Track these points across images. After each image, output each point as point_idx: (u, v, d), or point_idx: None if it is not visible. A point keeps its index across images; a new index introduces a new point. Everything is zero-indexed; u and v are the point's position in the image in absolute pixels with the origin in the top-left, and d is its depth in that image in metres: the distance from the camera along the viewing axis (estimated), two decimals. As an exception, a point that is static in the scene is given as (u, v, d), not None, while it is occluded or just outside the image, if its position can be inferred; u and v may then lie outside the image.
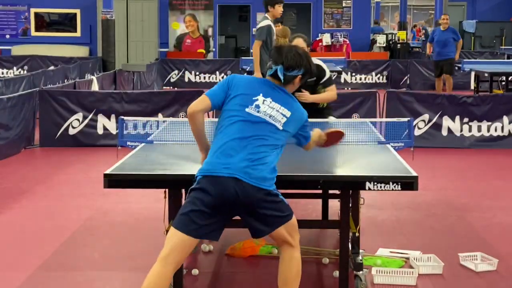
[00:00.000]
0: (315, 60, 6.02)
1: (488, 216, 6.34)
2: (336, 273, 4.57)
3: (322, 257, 5.08)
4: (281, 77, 3.74)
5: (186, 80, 18.34)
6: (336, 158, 4.75)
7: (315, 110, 5.92)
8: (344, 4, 23.51)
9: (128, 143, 5.08)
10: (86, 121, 9.79)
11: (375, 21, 26.06)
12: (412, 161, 4.44)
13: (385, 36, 23.75)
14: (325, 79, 6.02)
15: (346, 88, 17.38)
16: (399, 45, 22.98)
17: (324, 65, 6.09)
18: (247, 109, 3.68)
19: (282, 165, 4.42)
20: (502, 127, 9.77)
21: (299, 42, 6.09)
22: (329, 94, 6.05)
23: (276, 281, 3.88)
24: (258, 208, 3.56)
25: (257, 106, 3.68)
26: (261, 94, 3.71)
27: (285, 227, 3.66)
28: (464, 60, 17.10)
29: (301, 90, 5.75)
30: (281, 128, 3.69)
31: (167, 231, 4.41)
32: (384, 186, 3.78)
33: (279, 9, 8.98)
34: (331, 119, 6.05)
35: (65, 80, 13.96)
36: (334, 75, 16.16)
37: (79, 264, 5.03)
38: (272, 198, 3.59)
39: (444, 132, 9.82)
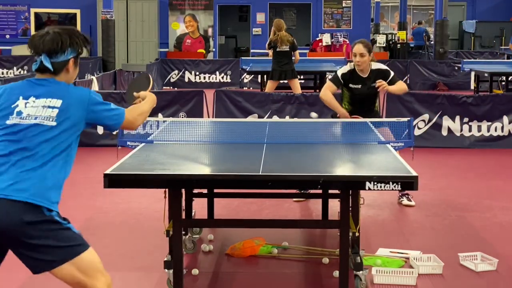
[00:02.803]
0: (376, 65, 6.46)
1: (488, 216, 6.34)
2: (336, 273, 4.57)
3: (322, 257, 5.08)
4: (50, 67, 3.16)
5: (186, 80, 18.33)
6: (336, 158, 4.75)
7: (370, 110, 6.48)
8: (344, 4, 23.52)
9: (128, 143, 5.08)
10: (86, 121, 9.77)
11: (420, 22, 25.59)
12: (412, 161, 4.44)
13: (385, 36, 23.75)
14: (391, 77, 6.41)
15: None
16: (399, 45, 22.98)
17: (383, 66, 6.51)
18: (8, 121, 3.09)
19: (282, 165, 4.43)
20: (502, 127, 9.76)
21: (359, 48, 6.34)
22: (402, 85, 6.61)
23: (276, 281, 3.87)
24: (25, 236, 2.96)
25: (19, 113, 3.10)
26: (20, 98, 3.13)
27: (74, 264, 3.04)
28: (464, 60, 17.12)
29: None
30: (54, 123, 3.09)
31: (167, 231, 4.42)
32: (384, 186, 3.78)
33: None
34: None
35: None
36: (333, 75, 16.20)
37: (79, 264, 5.02)
38: (47, 224, 3.03)
39: (444, 132, 9.81)
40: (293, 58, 12.05)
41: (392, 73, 6.47)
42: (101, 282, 3.14)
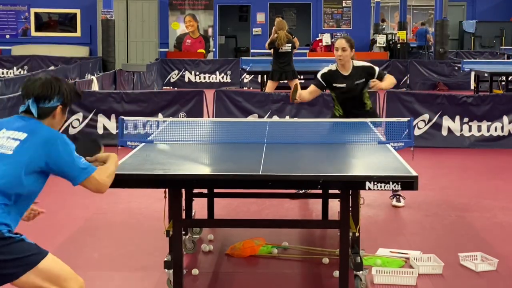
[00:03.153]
0: (359, 62, 6.43)
1: (488, 216, 6.34)
2: (336, 273, 4.57)
3: (322, 257, 5.08)
4: (34, 111, 3.26)
5: (186, 80, 18.33)
6: (336, 158, 4.76)
7: (363, 109, 6.41)
8: (344, 4, 23.52)
9: (128, 143, 5.08)
10: (86, 121, 9.79)
11: (423, 23, 25.55)
12: (412, 161, 4.44)
13: (385, 36, 23.74)
14: (377, 73, 6.37)
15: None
16: (399, 45, 22.98)
17: (367, 63, 6.48)
18: None
19: (282, 165, 4.43)
20: (502, 127, 9.76)
21: (341, 42, 6.33)
22: (391, 79, 6.46)
23: (276, 281, 3.87)
24: None
25: None
26: (3, 130, 3.25)
27: (35, 272, 3.06)
28: (464, 60, 17.11)
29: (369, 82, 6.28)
30: (10, 152, 3.15)
31: (167, 231, 4.42)
32: (384, 186, 3.78)
33: None
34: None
35: (65, 80, 13.95)
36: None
37: (79, 264, 5.03)
38: (1, 241, 3.03)
39: (444, 132, 9.82)
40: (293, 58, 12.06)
41: (377, 69, 6.40)
42: (70, 287, 3.14)
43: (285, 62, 11.81)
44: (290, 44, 11.79)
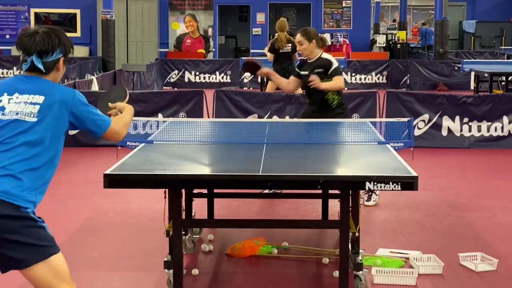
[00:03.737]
0: (327, 55, 6.40)
1: (488, 216, 6.34)
2: (336, 273, 4.57)
3: (322, 257, 5.08)
4: (41, 67, 3.16)
5: (186, 80, 18.34)
6: (336, 158, 4.75)
7: (327, 105, 6.29)
8: (344, 4, 23.53)
9: (128, 143, 5.08)
10: (86, 121, 9.77)
11: (424, 23, 25.52)
12: (412, 161, 4.44)
13: (385, 36, 23.75)
14: (332, 69, 6.26)
15: (345, 88, 17.32)
16: (399, 45, 22.98)
17: (331, 57, 6.39)
18: None
19: (283, 165, 4.43)
20: (502, 127, 9.76)
21: (297, 36, 6.40)
22: (336, 82, 6.25)
23: (276, 281, 3.87)
24: (2, 232, 2.93)
25: (2, 108, 3.10)
26: (5, 94, 3.14)
27: (46, 265, 3.01)
28: (464, 60, 17.12)
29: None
30: (35, 119, 3.06)
31: (167, 231, 4.42)
32: (384, 186, 3.78)
33: None
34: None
35: (65, 80, 13.95)
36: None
37: (79, 264, 5.03)
38: (22, 220, 2.97)
39: (444, 132, 9.82)
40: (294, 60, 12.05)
41: (334, 65, 6.28)
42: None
43: (286, 63, 11.74)
44: (290, 44, 11.76)
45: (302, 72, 6.42)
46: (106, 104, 3.65)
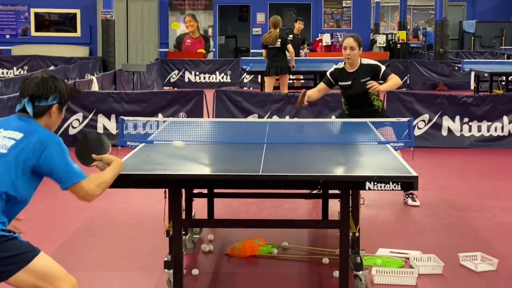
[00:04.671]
0: (367, 60, 6.49)
1: (488, 216, 6.34)
2: (336, 273, 4.57)
3: (322, 257, 5.08)
4: (30, 110, 3.28)
5: (186, 80, 18.34)
6: (336, 158, 4.75)
7: (370, 109, 6.43)
8: (344, 4, 23.52)
9: (128, 143, 5.08)
10: (86, 121, 9.79)
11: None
12: (412, 161, 4.44)
13: (385, 36, 23.75)
14: (382, 72, 6.39)
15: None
16: (399, 45, 22.98)
17: (374, 61, 6.50)
18: None
19: (283, 165, 4.43)
20: (502, 127, 9.77)
21: (350, 41, 6.45)
22: (394, 80, 6.41)
23: (276, 281, 3.87)
24: None
25: None
26: (1, 129, 3.27)
27: (27, 271, 3.05)
28: (464, 60, 17.11)
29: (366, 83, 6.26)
30: (5, 151, 3.16)
31: (167, 231, 4.42)
32: (384, 186, 3.78)
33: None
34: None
35: (65, 80, 13.94)
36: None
37: (79, 264, 5.03)
38: None
39: (444, 132, 9.82)
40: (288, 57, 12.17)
41: (383, 68, 6.44)
42: (63, 285, 3.12)
43: (277, 55, 11.99)
44: (280, 40, 11.99)
45: (343, 83, 6.47)
46: (89, 155, 3.61)
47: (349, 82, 6.42)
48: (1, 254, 3.02)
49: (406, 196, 6.68)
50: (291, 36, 14.38)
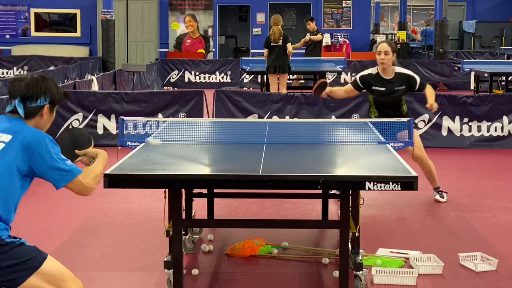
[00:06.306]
0: (402, 69, 6.62)
1: (488, 216, 6.34)
2: (336, 273, 4.57)
3: (322, 257, 5.08)
4: (21, 112, 3.21)
5: (186, 80, 18.33)
6: (336, 158, 4.76)
7: (400, 115, 6.47)
8: (344, 4, 23.51)
9: (128, 143, 5.08)
10: (86, 121, 9.79)
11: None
12: (412, 161, 4.44)
13: (385, 36, 23.74)
14: (418, 84, 6.62)
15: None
16: (399, 45, 22.97)
17: (409, 72, 6.65)
18: None
19: (282, 165, 4.43)
20: (502, 127, 9.77)
21: (384, 46, 6.54)
22: (431, 91, 6.72)
23: (276, 281, 3.87)
24: None
25: None
26: None
27: (38, 276, 3.07)
28: (464, 60, 17.11)
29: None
30: None
31: (167, 231, 4.42)
32: (384, 186, 3.78)
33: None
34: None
35: (65, 80, 13.96)
36: (334, 75, 16.21)
37: (79, 264, 5.03)
38: (2, 247, 3.04)
39: (444, 132, 9.82)
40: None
41: (418, 80, 6.64)
42: (71, 286, 3.14)
43: (278, 54, 12.02)
44: (282, 37, 12.02)
45: (378, 88, 6.54)
46: (71, 151, 3.54)
47: (383, 88, 6.53)
48: (13, 261, 3.02)
49: (435, 192, 6.85)
50: (308, 35, 15.03)
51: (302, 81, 15.73)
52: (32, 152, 3.13)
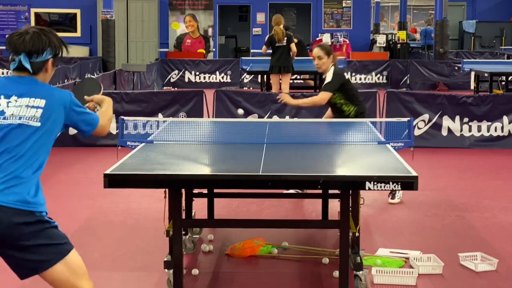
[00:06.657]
0: (335, 69, 6.47)
1: (488, 216, 6.34)
2: (336, 273, 4.57)
3: (322, 257, 5.08)
4: (29, 67, 3.10)
5: (186, 80, 18.34)
6: (336, 158, 4.76)
7: (343, 117, 6.32)
8: (344, 4, 23.51)
9: (128, 143, 5.08)
10: (86, 121, 9.77)
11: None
12: (412, 161, 4.44)
13: (385, 36, 23.75)
14: (325, 83, 6.43)
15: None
16: (399, 45, 22.97)
17: (331, 72, 6.43)
18: None
19: (282, 165, 4.43)
20: (502, 127, 9.76)
21: (317, 51, 6.49)
22: (313, 98, 6.62)
23: (276, 281, 3.87)
24: (16, 237, 2.93)
25: (1, 113, 3.03)
26: (2, 97, 3.07)
27: (64, 263, 3.03)
28: (464, 60, 17.11)
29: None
30: (38, 123, 3.04)
31: (167, 231, 4.42)
32: (384, 186, 3.78)
33: None
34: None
35: (65, 80, 13.96)
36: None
37: (79, 264, 5.02)
38: (38, 224, 2.97)
39: (444, 132, 9.82)
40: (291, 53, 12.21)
41: (328, 79, 6.40)
42: (88, 285, 3.13)
43: (282, 56, 12.01)
44: (286, 37, 12.02)
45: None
46: (81, 97, 3.59)
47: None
48: (46, 240, 2.98)
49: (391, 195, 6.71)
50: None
51: (302, 81, 15.74)
52: (68, 112, 3.14)
